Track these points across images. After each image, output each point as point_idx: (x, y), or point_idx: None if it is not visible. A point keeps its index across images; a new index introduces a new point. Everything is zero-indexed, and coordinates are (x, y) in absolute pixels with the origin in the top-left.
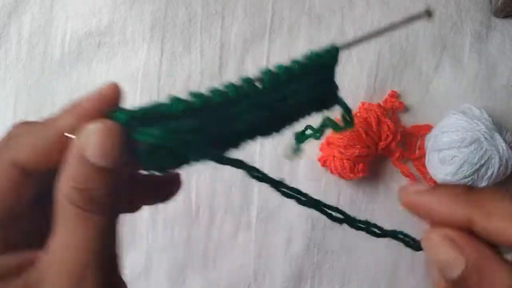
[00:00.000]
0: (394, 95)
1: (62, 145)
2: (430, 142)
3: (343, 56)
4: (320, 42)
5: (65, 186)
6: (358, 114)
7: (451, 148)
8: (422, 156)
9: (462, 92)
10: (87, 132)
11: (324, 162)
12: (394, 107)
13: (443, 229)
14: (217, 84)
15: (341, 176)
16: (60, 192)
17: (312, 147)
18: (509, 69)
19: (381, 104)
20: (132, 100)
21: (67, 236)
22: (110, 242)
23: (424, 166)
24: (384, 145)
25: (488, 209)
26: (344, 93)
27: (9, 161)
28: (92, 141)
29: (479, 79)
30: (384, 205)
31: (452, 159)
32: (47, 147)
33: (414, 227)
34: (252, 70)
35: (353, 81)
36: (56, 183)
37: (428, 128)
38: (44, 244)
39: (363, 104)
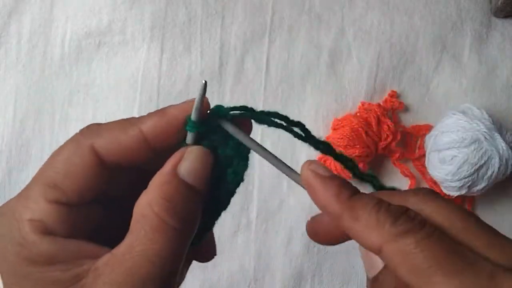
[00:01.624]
0: (394, 95)
1: (141, 145)
2: (430, 142)
3: (343, 56)
4: (320, 42)
5: (153, 197)
6: (358, 114)
7: (451, 148)
8: (422, 156)
9: (462, 92)
10: (186, 155)
11: (324, 162)
12: (394, 107)
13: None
14: (217, 84)
15: (340, 176)
16: (145, 201)
17: (312, 147)
18: (508, 69)
19: (381, 104)
20: (132, 100)
21: (141, 244)
22: (179, 259)
23: (424, 166)
24: (384, 145)
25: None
26: (344, 93)
27: (89, 147)
28: (189, 163)
29: (479, 79)
30: None
31: (452, 159)
32: (128, 142)
33: None
34: (252, 70)
35: (353, 81)
36: (140, 191)
37: (428, 128)
38: (95, 240)
39: (363, 104)
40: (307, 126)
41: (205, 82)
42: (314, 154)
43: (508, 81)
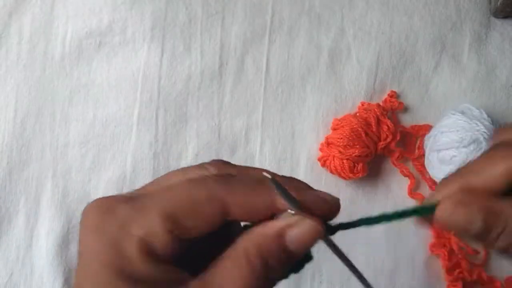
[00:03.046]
0: (394, 95)
1: (268, 213)
2: (429, 142)
3: (343, 56)
4: (320, 42)
5: (252, 246)
6: (357, 114)
7: (450, 148)
8: (422, 156)
9: (461, 92)
10: (300, 223)
11: (324, 162)
12: (393, 107)
13: (447, 192)
14: (217, 84)
15: (340, 176)
16: (243, 245)
17: (312, 147)
18: (508, 69)
19: (381, 104)
20: (133, 100)
21: (228, 281)
22: None
23: (423, 165)
24: (383, 145)
25: None
26: (344, 93)
27: (221, 202)
28: (300, 233)
29: (479, 79)
30: (384, 205)
31: (451, 159)
32: (259, 208)
33: (413, 226)
34: (252, 70)
35: (353, 81)
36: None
37: (427, 128)
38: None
39: (362, 104)
40: (307, 126)
41: (271, 177)
42: (314, 154)
43: (508, 81)
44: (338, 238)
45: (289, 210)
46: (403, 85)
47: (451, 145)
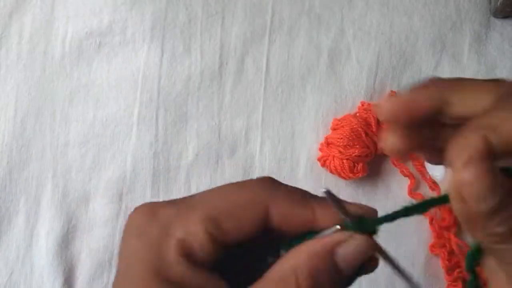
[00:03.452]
0: (394, 95)
1: (307, 226)
2: None
3: (342, 56)
4: (320, 42)
5: (301, 266)
6: (357, 114)
7: None
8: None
9: None
10: (351, 240)
11: (324, 162)
12: None
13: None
14: (217, 84)
15: (340, 176)
16: (291, 266)
17: (312, 147)
18: (507, 69)
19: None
20: (132, 100)
21: None
22: None
23: (423, 166)
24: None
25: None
26: (344, 93)
27: (264, 207)
28: (351, 250)
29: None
30: (384, 205)
31: None
32: (300, 220)
33: (413, 226)
34: (252, 70)
35: (353, 81)
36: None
37: None
38: None
39: (362, 104)
40: (307, 126)
41: (326, 189)
42: (314, 154)
43: None
44: None
45: (337, 226)
46: (403, 85)
47: None
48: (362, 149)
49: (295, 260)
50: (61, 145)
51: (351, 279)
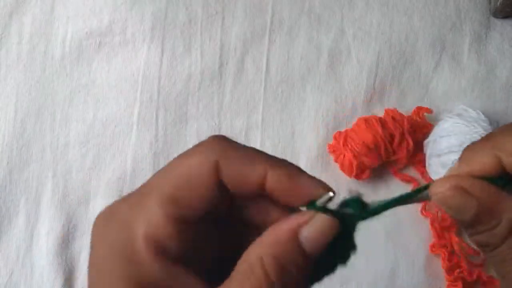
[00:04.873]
0: (422, 110)
1: (262, 189)
2: (429, 147)
3: (343, 56)
4: (320, 42)
5: (265, 253)
6: (383, 119)
7: (451, 152)
8: (422, 159)
9: (461, 92)
10: (314, 220)
11: (333, 152)
12: (420, 124)
13: (451, 179)
14: (217, 84)
15: (344, 172)
16: (256, 254)
17: (312, 144)
18: (508, 69)
19: (410, 117)
20: (132, 100)
21: None
22: None
23: (424, 167)
24: (395, 158)
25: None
26: (344, 93)
27: (214, 166)
28: (313, 230)
29: (478, 79)
30: None
31: (453, 163)
32: (252, 181)
33: (413, 226)
34: (252, 70)
35: (353, 81)
36: (252, 242)
37: (428, 126)
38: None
39: (389, 111)
40: (307, 126)
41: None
42: (313, 154)
43: (507, 81)
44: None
45: (330, 193)
46: (403, 85)
47: (451, 149)
48: (375, 161)
49: (260, 247)
50: (61, 145)
51: (329, 266)
